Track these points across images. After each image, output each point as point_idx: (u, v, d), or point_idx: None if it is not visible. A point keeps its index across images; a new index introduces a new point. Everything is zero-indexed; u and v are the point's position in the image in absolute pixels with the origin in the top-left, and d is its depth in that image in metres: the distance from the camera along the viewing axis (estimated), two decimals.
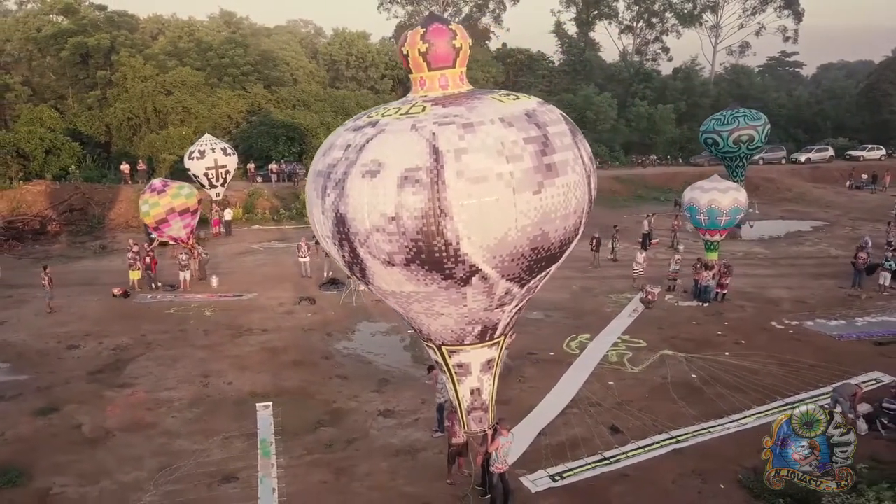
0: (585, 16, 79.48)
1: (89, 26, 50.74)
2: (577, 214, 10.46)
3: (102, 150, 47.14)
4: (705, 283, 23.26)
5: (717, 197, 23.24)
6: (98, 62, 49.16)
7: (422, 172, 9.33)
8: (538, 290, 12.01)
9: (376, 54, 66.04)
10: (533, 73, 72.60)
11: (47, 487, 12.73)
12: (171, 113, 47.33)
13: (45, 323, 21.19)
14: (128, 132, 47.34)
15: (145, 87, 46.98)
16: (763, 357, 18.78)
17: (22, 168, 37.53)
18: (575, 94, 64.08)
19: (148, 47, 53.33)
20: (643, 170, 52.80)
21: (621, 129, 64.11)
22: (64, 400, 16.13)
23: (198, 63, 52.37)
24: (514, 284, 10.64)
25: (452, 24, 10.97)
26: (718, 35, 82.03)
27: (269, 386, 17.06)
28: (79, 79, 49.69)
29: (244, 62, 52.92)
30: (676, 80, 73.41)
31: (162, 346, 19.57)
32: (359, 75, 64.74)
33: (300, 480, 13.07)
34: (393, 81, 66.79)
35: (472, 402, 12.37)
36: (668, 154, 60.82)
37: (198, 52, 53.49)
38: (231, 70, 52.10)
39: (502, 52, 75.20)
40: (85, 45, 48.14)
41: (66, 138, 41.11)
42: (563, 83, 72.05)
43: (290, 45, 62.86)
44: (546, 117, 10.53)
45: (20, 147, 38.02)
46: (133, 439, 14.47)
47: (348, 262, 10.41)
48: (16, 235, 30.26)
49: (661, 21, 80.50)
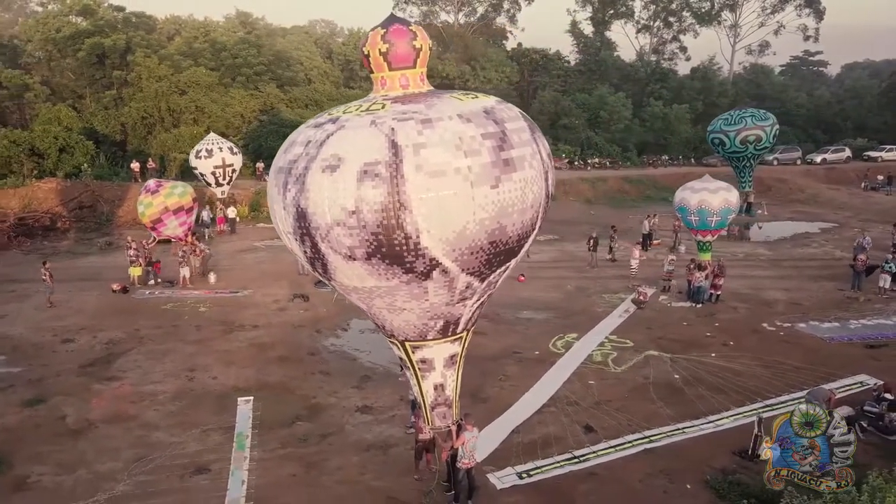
0: (601, 15, 79.15)
1: (106, 27, 51.65)
2: (535, 209, 10.68)
3: (118, 149, 47.95)
4: (698, 283, 23.15)
5: (707, 197, 23.12)
6: (114, 62, 50.03)
7: (381, 167, 9.51)
8: (499, 286, 12.18)
9: None
10: (548, 72, 72.40)
11: (25, 475, 13.12)
12: (184, 112, 48.03)
13: (43, 317, 21.72)
14: (142, 131, 48.13)
15: (159, 86, 47.71)
16: (749, 359, 18.69)
17: (36, 166, 38.38)
18: (590, 94, 63.83)
19: (164, 47, 54.15)
20: (654, 170, 52.44)
21: (635, 128, 63.69)
22: (52, 392, 16.56)
23: (212, 63, 53.06)
24: (474, 278, 10.79)
25: (413, 26, 11.18)
26: (737, 34, 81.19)
27: (253, 381, 17.34)
28: (95, 79, 50.60)
29: (257, 62, 53.50)
30: (694, 79, 72.79)
31: (154, 340, 19.96)
32: None
33: (270, 473, 13.31)
34: None
35: (436, 397, 12.53)
36: (682, 154, 60.30)
37: (212, 52, 54.20)
38: (244, 70, 52.71)
39: (517, 51, 75.13)
40: (101, 45, 49.02)
41: (80, 137, 41.91)
42: (578, 83, 71.71)
43: (304, 46, 63.40)
44: (504, 114, 10.75)
45: (35, 145, 38.87)
46: (113, 431, 14.82)
47: (310, 258, 10.56)
48: (26, 232, 31.02)
49: (679, 20, 79.85)
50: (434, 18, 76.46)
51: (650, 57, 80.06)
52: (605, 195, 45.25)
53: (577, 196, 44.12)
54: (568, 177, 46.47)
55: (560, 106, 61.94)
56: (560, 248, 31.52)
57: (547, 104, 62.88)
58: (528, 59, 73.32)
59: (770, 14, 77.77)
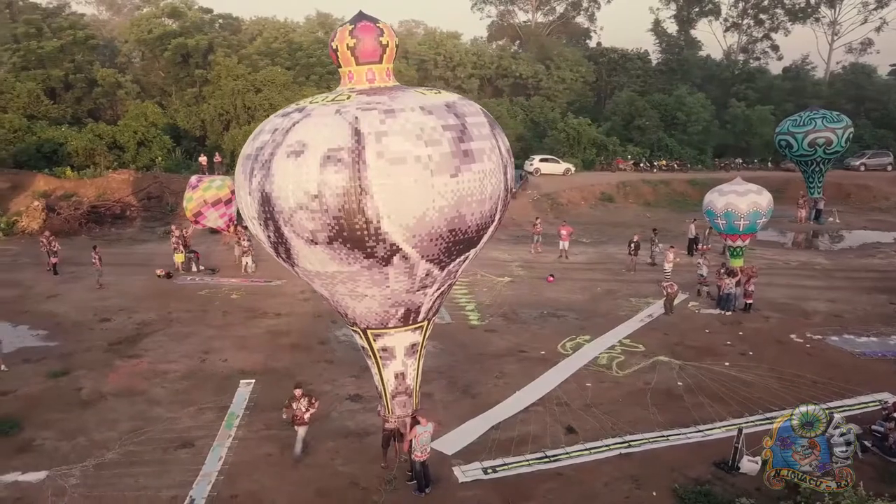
0: (686, 13, 76.64)
1: (193, 28, 54.62)
2: (493, 201, 11.09)
3: (198, 144, 50.68)
4: (727, 290, 22.29)
5: (735, 200, 22.21)
6: (197, 61, 52.85)
7: (344, 152, 9.99)
8: (459, 276, 12.51)
9: (464, 54, 66.80)
10: (626, 72, 70.91)
11: (32, 439, 14.32)
12: (258, 109, 50.13)
13: (90, 297, 23.42)
14: (219, 127, 50.62)
15: (236, 84, 50.02)
16: (765, 370, 17.94)
17: (116, 158, 41.17)
18: (668, 95, 61.99)
19: (244, 48, 56.69)
20: (725, 174, 50.24)
21: (714, 130, 61.42)
22: (77, 365, 17.91)
23: (288, 62, 55.13)
24: (433, 266, 11.18)
25: (381, 23, 11.72)
26: (836, 32, 76.69)
27: (259, 365, 18.13)
28: (180, 77, 53.60)
29: (330, 61, 55.07)
30: (785, 79, 69.40)
31: (181, 323, 21.18)
32: (446, 74, 65.70)
33: (248, 452, 13.97)
34: (480, 81, 67.27)
35: (397, 386, 12.87)
36: (761, 158, 57.70)
37: (289, 52, 56.30)
38: (317, 69, 54.47)
39: (596, 51, 73.96)
40: (185, 45, 51.89)
41: (158, 132, 44.59)
42: (658, 83, 69.83)
43: None
44: (465, 109, 11.22)
45: (116, 139, 41.68)
46: (119, 404, 15.91)
47: (273, 243, 11.03)
48: (97, 219, 33.40)
49: (771, 17, 76.25)
50: (511, 18, 76.31)
51: (738, 56, 76.94)
52: (666, 198, 44.00)
53: (636, 199, 43.15)
54: (629, 178, 45.53)
55: (634, 106, 60.50)
56: (602, 251, 31.02)
57: (621, 104, 61.58)
58: (606, 59, 72.05)
59: (873, 10, 73.05)
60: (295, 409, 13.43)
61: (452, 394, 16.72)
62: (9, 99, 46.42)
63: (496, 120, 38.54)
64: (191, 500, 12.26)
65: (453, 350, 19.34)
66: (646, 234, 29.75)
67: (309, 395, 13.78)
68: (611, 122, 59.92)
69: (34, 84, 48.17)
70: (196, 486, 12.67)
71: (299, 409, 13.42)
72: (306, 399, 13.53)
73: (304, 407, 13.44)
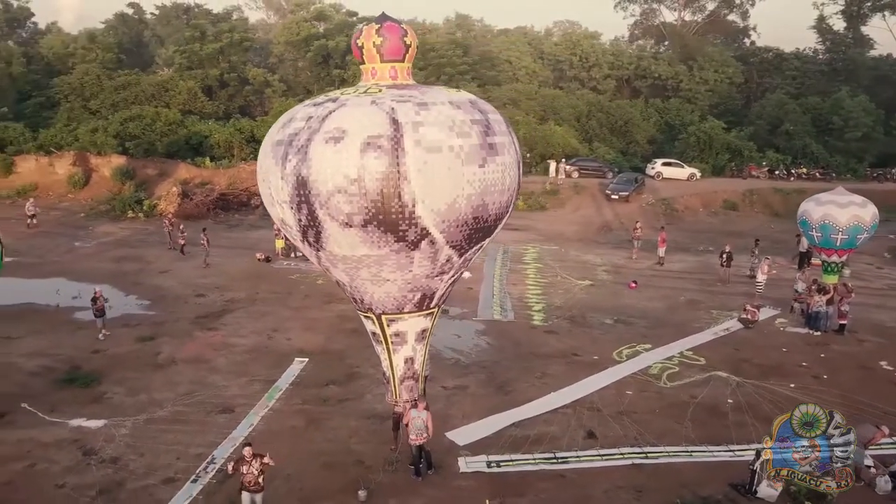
0: (857, 8, 70.05)
1: (335, 31, 57.95)
2: (510, 192, 11.92)
3: None
4: (816, 308, 20.57)
5: (833, 212, 20.32)
6: (336, 62, 56.05)
7: (383, 140, 10.83)
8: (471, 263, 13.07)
9: (601, 54, 65.53)
10: (780, 73, 66.16)
11: (104, 392, 16.31)
12: None
13: (195, 275, 25.85)
14: None
15: None
16: (834, 395, 16.53)
17: (252, 151, 44.67)
18: (824, 98, 57.06)
19: None
20: (878, 185, 45.70)
21: (877, 138, 55.84)
22: (163, 333, 19.99)
23: (420, 63, 56.90)
24: (455, 252, 11.86)
25: (404, 24, 12.54)
26: None
27: (318, 346, 19.28)
28: (321, 76, 57.07)
29: (461, 62, 56.33)
30: None
31: (264, 303, 22.89)
32: (581, 75, 64.86)
33: (277, 422, 15.07)
34: (617, 82, 65.68)
35: (406, 371, 13.41)
36: None
37: (422, 52, 58.08)
38: (448, 69, 55.81)
39: (746, 50, 69.66)
40: (326, 47, 55.21)
41: None
42: (818, 84, 64.44)
43: (515, 46, 65.06)
44: (485, 106, 12.08)
45: (255, 134, 45.24)
46: (185, 369, 17.65)
47: (303, 227, 11.69)
48: (224, 206, 36.56)
49: None
50: (655, 17, 73.65)
51: None
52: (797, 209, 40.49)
53: (762, 208, 40.39)
54: (759, 186, 42.68)
55: (783, 110, 56.38)
56: (703, 260, 29.50)
57: (768, 108, 57.63)
58: (758, 59, 67.66)
59: None
60: (245, 473, 11.22)
61: (486, 388, 16.93)
62: (172, 96, 51.76)
63: (628, 122, 38.14)
64: (211, 459, 13.50)
65: (503, 347, 19.49)
66: (741, 245, 28.00)
67: (261, 454, 11.35)
68: (754, 126, 56.28)
69: (194, 82, 53.35)
70: (220, 447, 13.91)
71: (251, 473, 11.20)
72: (258, 460, 11.27)
73: (255, 471, 11.23)
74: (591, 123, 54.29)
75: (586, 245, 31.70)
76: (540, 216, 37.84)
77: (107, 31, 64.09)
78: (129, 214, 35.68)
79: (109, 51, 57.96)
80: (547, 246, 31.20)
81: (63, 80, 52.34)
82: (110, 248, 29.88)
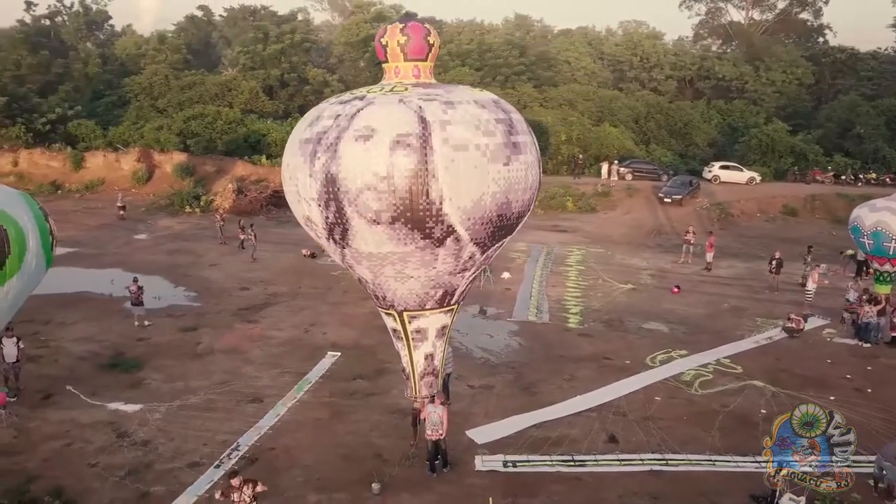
0: None
1: None
2: (532, 191, 12.15)
3: None
4: (866, 318, 19.71)
5: (888, 219, 19.41)
6: None
7: (412, 138, 11.10)
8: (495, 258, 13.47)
9: (663, 54, 64.24)
10: (855, 73, 63.46)
11: (143, 378, 17.02)
12: None
13: (242, 269, 26.63)
14: None
15: None
16: (876, 410, 15.89)
17: None
18: None
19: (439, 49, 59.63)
20: None
21: None
22: (204, 324, 20.70)
23: (477, 63, 57.03)
24: (478, 249, 12.07)
25: (427, 24, 12.74)
26: None
27: (351, 341, 19.61)
28: (378, 77, 57.33)
29: (517, 62, 56.14)
30: None
31: (304, 297, 23.42)
32: (641, 76, 63.71)
33: (303, 413, 15.44)
34: (679, 83, 64.25)
35: (426, 367, 13.57)
36: None
37: (478, 53, 58.17)
38: (504, 70, 55.73)
39: (818, 50, 67.09)
40: None
41: None
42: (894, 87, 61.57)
43: (574, 46, 64.44)
44: (507, 105, 12.33)
45: None
46: (221, 359, 18.25)
47: (330, 224, 11.87)
48: (276, 203, 37.42)
49: None
50: (721, 16, 71.67)
51: None
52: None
53: (824, 214, 38.81)
54: (822, 192, 41.04)
55: (855, 112, 54.03)
56: (754, 266, 28.58)
57: (839, 110, 55.33)
58: (830, 59, 65.10)
59: None
60: (236, 501, 10.60)
61: (512, 389, 16.90)
62: (234, 95, 53.32)
63: (687, 123, 37.44)
64: (236, 446, 13.94)
65: (535, 348, 19.41)
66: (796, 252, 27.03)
67: (252, 480, 10.81)
68: (823, 129, 54.14)
69: (256, 82, 54.82)
70: (245, 435, 14.35)
71: (242, 501, 10.60)
72: (249, 486, 10.67)
73: (248, 497, 10.63)
74: (649, 125, 53.25)
75: (634, 248, 31.20)
76: (590, 218, 37.40)
77: (176, 33, 66.48)
78: (187, 209, 37.03)
79: (178, 52, 60.10)
80: (593, 248, 30.83)
81: (133, 79, 54.59)
82: (166, 241, 31.09)
